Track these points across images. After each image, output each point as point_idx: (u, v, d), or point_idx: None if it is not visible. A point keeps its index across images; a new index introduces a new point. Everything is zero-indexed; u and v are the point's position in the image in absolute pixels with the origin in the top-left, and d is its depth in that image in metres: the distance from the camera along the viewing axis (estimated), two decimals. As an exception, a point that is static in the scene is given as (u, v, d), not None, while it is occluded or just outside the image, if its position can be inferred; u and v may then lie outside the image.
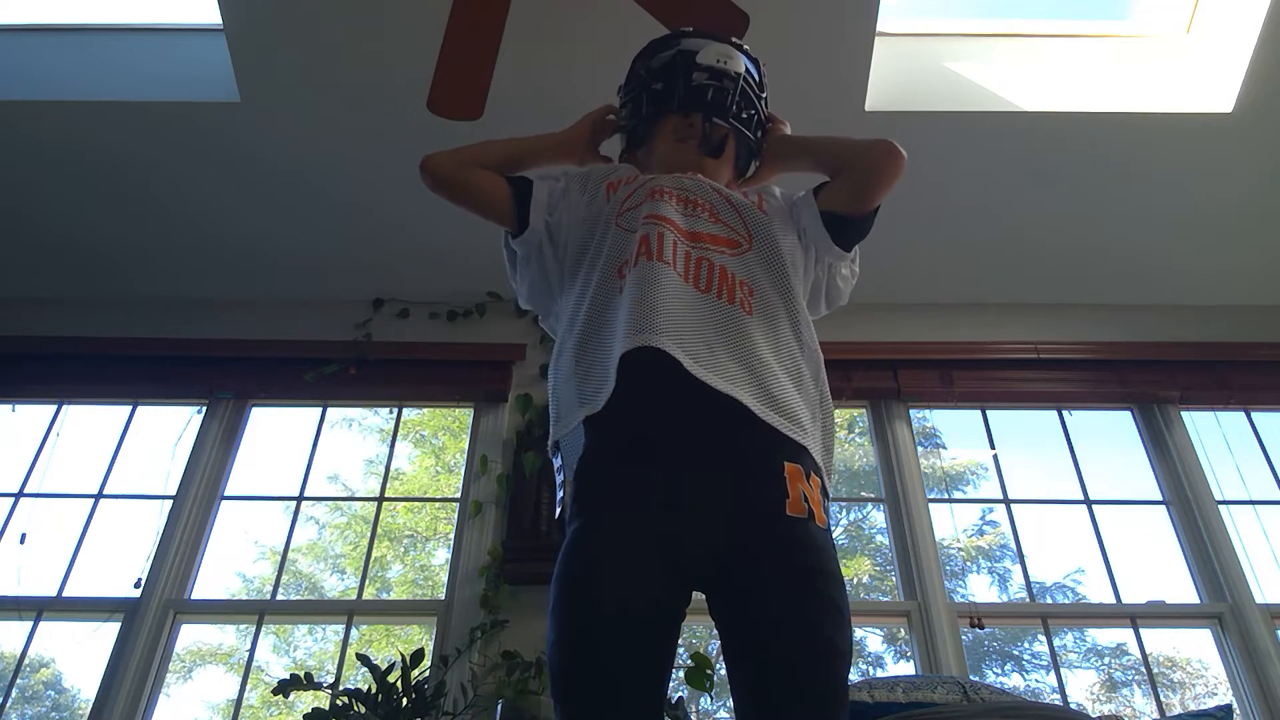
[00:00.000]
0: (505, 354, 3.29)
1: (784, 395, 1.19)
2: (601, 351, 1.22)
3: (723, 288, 1.26)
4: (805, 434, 1.18)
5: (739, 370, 1.18)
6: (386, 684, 2.31)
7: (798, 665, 1.01)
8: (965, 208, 3.24)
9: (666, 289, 1.22)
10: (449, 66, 2.37)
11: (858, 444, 3.55)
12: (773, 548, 1.08)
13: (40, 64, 3.08)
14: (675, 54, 1.54)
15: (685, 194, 1.39)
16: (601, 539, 1.10)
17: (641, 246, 1.29)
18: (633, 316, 1.19)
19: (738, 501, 1.10)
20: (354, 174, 3.16)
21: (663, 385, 1.15)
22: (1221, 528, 2.98)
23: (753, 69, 1.57)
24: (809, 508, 1.11)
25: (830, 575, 1.08)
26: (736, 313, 1.25)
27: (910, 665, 2.81)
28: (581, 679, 1.04)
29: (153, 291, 3.49)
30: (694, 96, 1.49)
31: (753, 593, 1.06)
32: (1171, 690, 3.23)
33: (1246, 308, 3.45)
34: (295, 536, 3.15)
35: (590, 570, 1.08)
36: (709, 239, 1.33)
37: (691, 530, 1.09)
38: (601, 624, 1.04)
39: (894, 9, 3.06)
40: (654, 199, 1.37)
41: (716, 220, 1.37)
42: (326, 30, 2.80)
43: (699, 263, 1.29)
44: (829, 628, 1.04)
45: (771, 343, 1.26)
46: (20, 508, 3.09)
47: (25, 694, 3.16)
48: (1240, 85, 2.86)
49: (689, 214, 1.36)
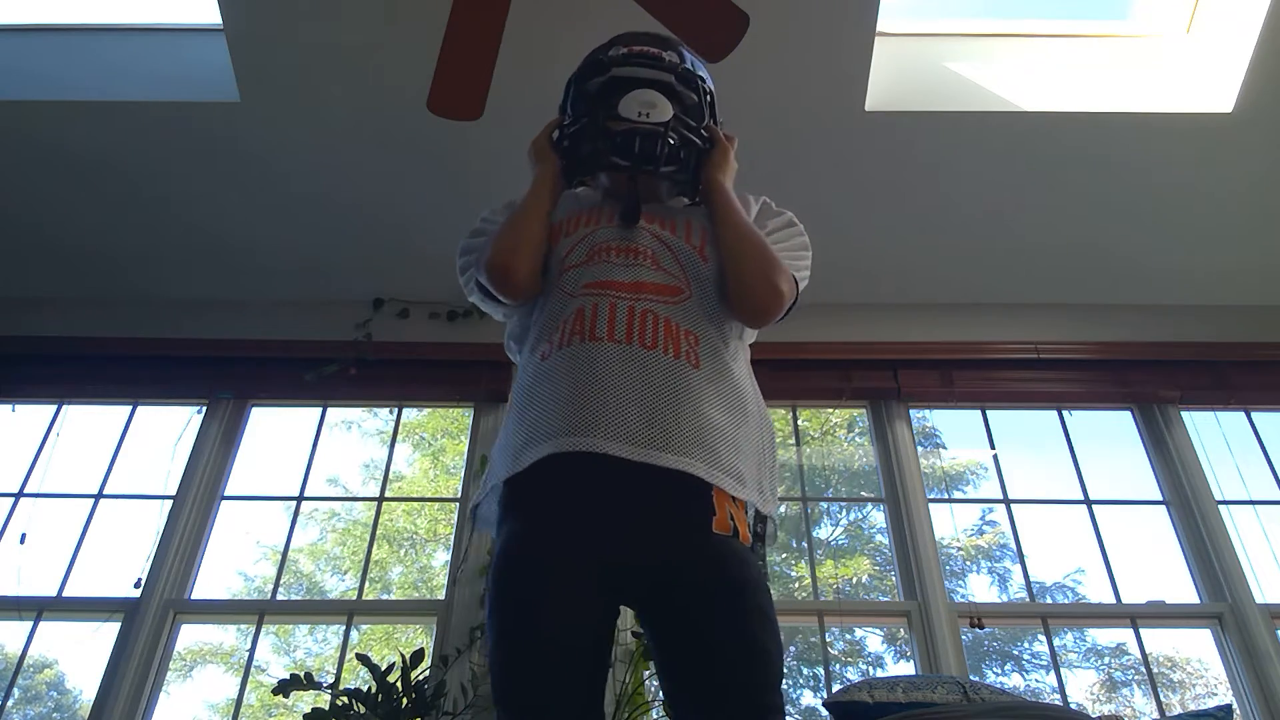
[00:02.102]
0: (505, 354, 3.28)
1: (730, 457, 1.20)
2: (534, 436, 1.20)
3: (668, 342, 1.25)
4: (746, 489, 1.21)
5: (686, 437, 1.18)
6: (386, 684, 2.31)
7: (732, 665, 1.08)
8: (965, 208, 3.24)
9: (601, 371, 1.20)
10: (449, 66, 2.37)
11: (858, 444, 3.55)
12: (702, 562, 1.13)
13: (40, 64, 3.08)
14: (599, 92, 1.45)
15: (626, 244, 1.36)
16: (534, 548, 1.15)
17: (577, 322, 1.27)
18: (565, 411, 1.19)
19: (667, 521, 1.15)
20: (354, 174, 3.16)
21: (599, 475, 1.15)
22: (1221, 528, 2.98)
23: (690, 83, 1.47)
24: (734, 525, 1.17)
25: (757, 585, 1.14)
26: (682, 368, 1.23)
27: (910, 665, 2.81)
28: (515, 684, 1.10)
29: (153, 291, 3.49)
30: (619, 150, 1.40)
31: (685, 606, 1.12)
32: (1171, 690, 3.23)
33: (1246, 308, 3.45)
34: (295, 537, 3.15)
35: (524, 579, 1.13)
36: (651, 289, 1.31)
37: (623, 547, 1.14)
38: (533, 633, 1.10)
39: (894, 9, 3.06)
40: (594, 260, 1.34)
41: (658, 267, 1.34)
42: (326, 30, 2.80)
43: (643, 317, 1.26)
44: (757, 631, 1.11)
45: (718, 393, 1.26)
46: (20, 508, 3.09)
47: (28, 694, 3.17)
48: (1240, 85, 2.86)
49: (630, 263, 1.33)
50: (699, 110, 1.47)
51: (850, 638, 3.27)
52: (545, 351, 1.29)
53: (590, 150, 1.43)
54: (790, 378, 3.18)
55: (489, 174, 3.16)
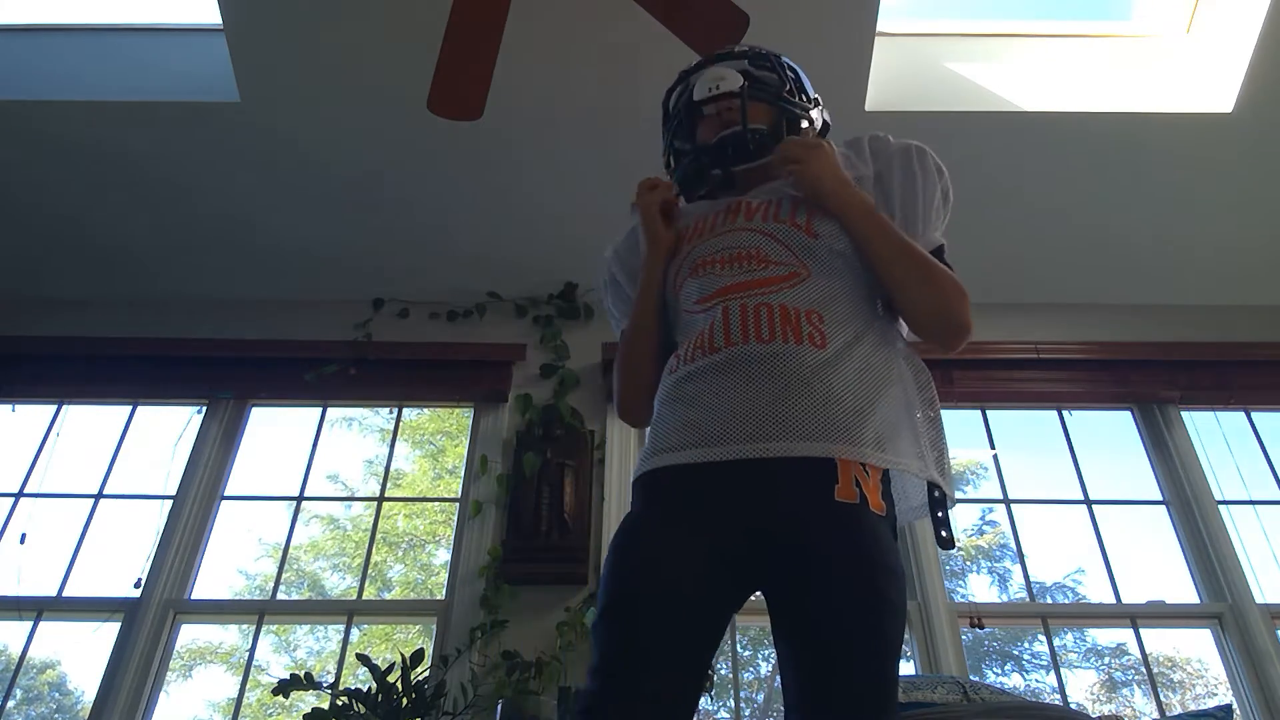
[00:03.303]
0: (505, 354, 3.29)
1: (856, 427, 1.14)
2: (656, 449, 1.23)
3: (785, 330, 1.20)
4: (881, 454, 1.15)
5: (801, 421, 1.13)
6: (386, 684, 2.31)
7: (841, 659, 1.02)
8: (965, 208, 3.23)
9: (717, 383, 1.20)
10: (449, 66, 2.37)
11: (858, 444, 3.54)
12: (823, 528, 1.08)
13: (40, 63, 3.09)
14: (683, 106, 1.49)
15: (728, 253, 1.33)
16: (651, 523, 1.17)
17: (699, 338, 1.26)
18: (681, 430, 1.20)
19: (789, 491, 1.11)
20: (354, 174, 3.16)
21: (715, 472, 1.15)
22: (1221, 528, 2.98)
23: (765, 63, 1.50)
24: (861, 492, 1.10)
25: (878, 565, 1.07)
26: (802, 352, 1.18)
27: (910, 665, 2.81)
28: (615, 645, 1.08)
29: (153, 291, 3.49)
30: (712, 156, 1.42)
31: (800, 580, 1.07)
32: (1171, 690, 3.23)
33: (1246, 308, 3.45)
34: (295, 537, 3.15)
35: (637, 546, 1.15)
36: (762, 284, 1.27)
37: (741, 516, 1.12)
38: (641, 595, 1.09)
39: (894, 9, 3.06)
40: (697, 274, 1.34)
41: (766, 264, 1.29)
42: (326, 30, 2.80)
43: (757, 311, 1.23)
44: (873, 619, 1.04)
45: (849, 366, 1.20)
46: (20, 508, 3.09)
47: (30, 694, 3.17)
48: (1240, 85, 2.86)
49: (736, 270, 1.30)
50: (780, 83, 1.49)
51: (850, 638, 3.26)
52: (672, 368, 1.30)
53: (694, 166, 1.46)
54: (790, 378, 3.18)
55: (489, 174, 3.16)
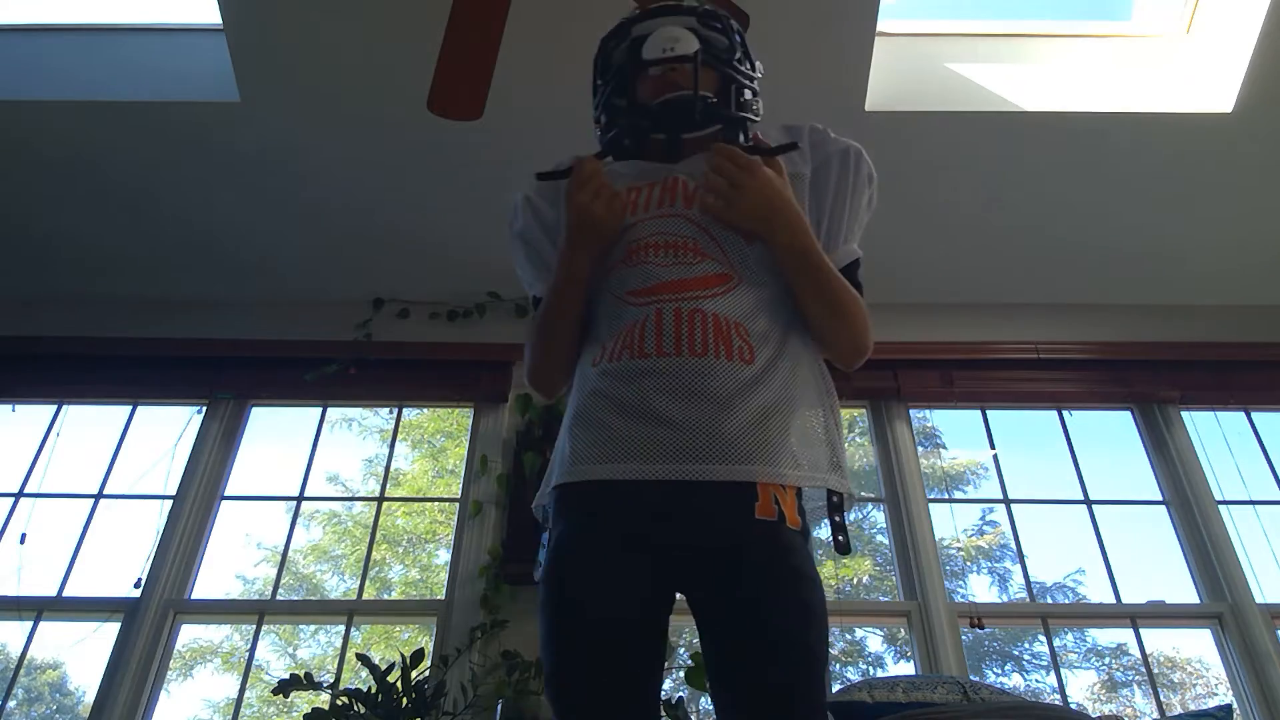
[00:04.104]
0: (505, 354, 3.28)
1: (778, 448, 1.14)
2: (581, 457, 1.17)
3: (718, 344, 1.18)
4: (797, 473, 1.15)
5: (748, 443, 1.12)
6: (386, 684, 2.31)
7: (768, 664, 1.04)
8: (965, 208, 3.24)
9: (648, 395, 1.15)
10: (449, 66, 2.36)
11: (858, 444, 3.55)
12: (744, 545, 1.10)
13: (39, 63, 3.08)
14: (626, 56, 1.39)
15: (663, 238, 1.28)
16: (581, 541, 1.14)
17: (628, 336, 1.21)
18: (611, 440, 1.15)
19: (712, 509, 1.12)
20: (354, 174, 3.16)
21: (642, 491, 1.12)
22: (1221, 528, 2.98)
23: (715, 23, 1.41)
24: (779, 509, 1.12)
25: (800, 573, 1.09)
26: (733, 369, 1.16)
27: (910, 665, 2.81)
28: (569, 678, 1.09)
29: (153, 291, 3.49)
30: (655, 119, 1.34)
31: (728, 585, 1.09)
32: (1171, 690, 3.24)
33: (1246, 308, 3.45)
34: (296, 537, 3.15)
35: (571, 570, 1.13)
36: (697, 284, 1.23)
37: (668, 533, 1.12)
38: (584, 624, 1.09)
39: (894, 9, 3.06)
40: (634, 261, 1.27)
41: (701, 257, 1.26)
42: (326, 30, 2.80)
43: (690, 318, 1.19)
44: (798, 625, 1.06)
45: (776, 384, 1.19)
46: (20, 508, 3.09)
47: (30, 694, 3.17)
48: (1240, 85, 2.86)
49: (673, 261, 1.25)
50: (729, 47, 1.42)
51: (850, 638, 3.27)
52: (596, 359, 1.24)
53: (630, 125, 1.37)
54: (790, 378, 3.18)
55: (489, 174, 3.16)
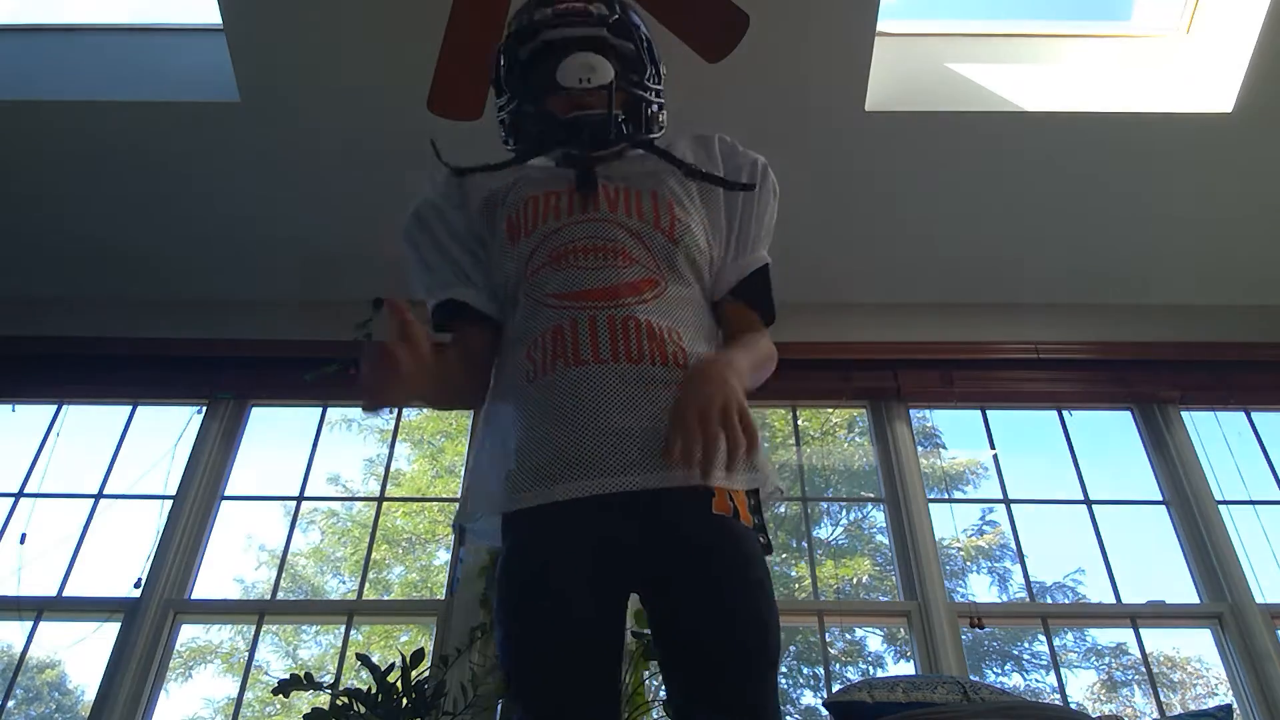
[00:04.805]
0: (505, 354, 3.28)
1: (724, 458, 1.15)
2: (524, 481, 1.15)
3: (654, 350, 1.17)
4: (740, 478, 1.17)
5: None
6: (386, 684, 2.31)
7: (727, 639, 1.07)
8: (966, 208, 3.24)
9: (588, 405, 1.13)
10: (449, 66, 2.36)
11: (858, 444, 3.55)
12: (703, 535, 1.11)
13: (40, 64, 3.08)
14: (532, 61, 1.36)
15: (589, 242, 1.25)
16: (539, 543, 1.13)
17: (558, 343, 1.18)
18: (555, 454, 1.12)
19: (672, 513, 1.13)
20: (353, 174, 3.16)
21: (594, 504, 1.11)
22: (1221, 528, 2.98)
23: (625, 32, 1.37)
24: (734, 506, 1.14)
25: (751, 559, 1.13)
26: (669, 373, 1.16)
27: (910, 665, 2.81)
28: (530, 680, 1.10)
29: (153, 291, 3.49)
30: (570, 137, 1.31)
31: (681, 581, 1.11)
32: (1171, 690, 3.24)
33: (1246, 308, 3.45)
34: (295, 538, 3.15)
35: (530, 572, 1.12)
36: (627, 289, 1.21)
37: (624, 532, 1.12)
38: (544, 625, 1.09)
39: (894, 9, 3.07)
40: (561, 265, 1.24)
41: (630, 262, 1.24)
42: (326, 30, 2.80)
43: (624, 325, 1.18)
44: (756, 604, 1.10)
45: None
46: (20, 508, 3.09)
47: (30, 694, 3.17)
48: (1240, 85, 2.86)
49: (600, 265, 1.23)
50: (639, 60, 1.38)
51: (850, 638, 3.27)
52: (530, 372, 1.20)
53: (539, 134, 1.37)
54: (790, 378, 3.12)
55: (489, 174, 3.15)
